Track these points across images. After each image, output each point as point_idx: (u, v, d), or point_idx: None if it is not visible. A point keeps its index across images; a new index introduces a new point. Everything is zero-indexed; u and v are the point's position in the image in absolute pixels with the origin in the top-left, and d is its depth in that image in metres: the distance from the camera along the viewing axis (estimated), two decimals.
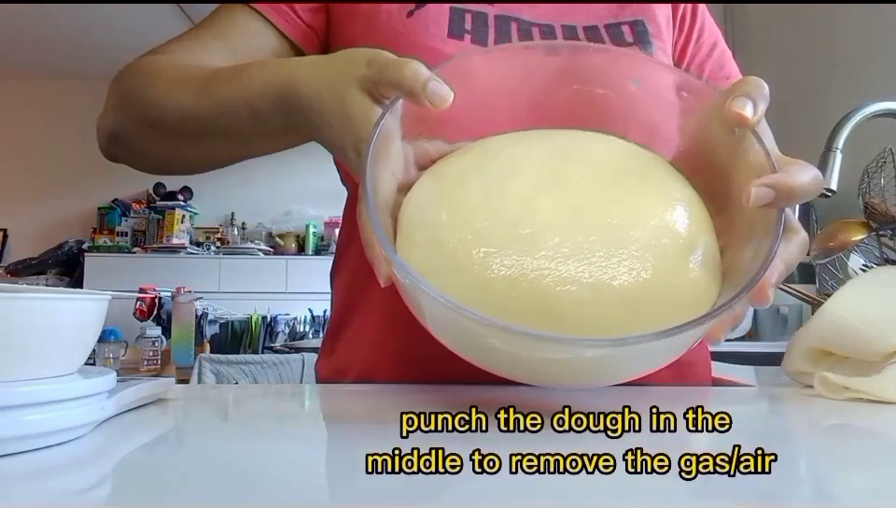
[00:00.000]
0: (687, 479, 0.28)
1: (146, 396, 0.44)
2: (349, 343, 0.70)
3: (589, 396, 0.54)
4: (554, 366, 0.38)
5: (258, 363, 2.68)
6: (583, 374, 0.39)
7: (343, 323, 0.72)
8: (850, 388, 0.50)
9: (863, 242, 0.98)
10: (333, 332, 0.74)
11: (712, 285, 0.38)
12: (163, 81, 0.60)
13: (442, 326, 0.39)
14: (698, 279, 0.38)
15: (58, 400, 0.32)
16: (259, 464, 0.32)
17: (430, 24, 0.67)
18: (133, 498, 0.27)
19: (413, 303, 0.40)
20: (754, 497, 0.26)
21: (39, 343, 0.33)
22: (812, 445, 0.39)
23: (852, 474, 0.30)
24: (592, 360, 0.37)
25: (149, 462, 0.33)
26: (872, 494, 0.27)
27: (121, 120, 0.64)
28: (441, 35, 0.66)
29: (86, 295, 0.36)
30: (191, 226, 4.65)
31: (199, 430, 0.43)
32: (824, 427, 0.44)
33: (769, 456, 0.28)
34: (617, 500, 0.26)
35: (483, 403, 0.46)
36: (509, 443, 0.37)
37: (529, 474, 0.29)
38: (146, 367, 2.92)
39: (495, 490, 0.28)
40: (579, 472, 0.29)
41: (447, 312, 0.34)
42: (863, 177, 1.05)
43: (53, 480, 0.29)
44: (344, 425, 0.43)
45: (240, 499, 0.26)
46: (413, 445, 0.29)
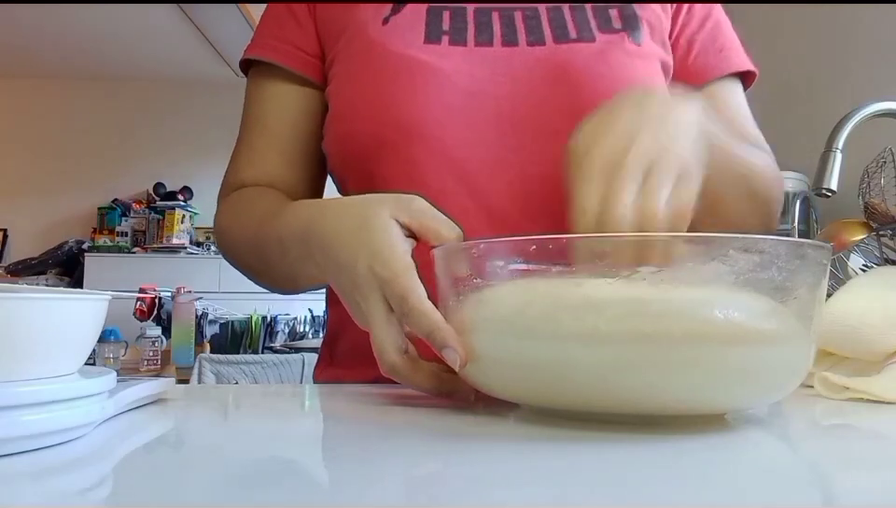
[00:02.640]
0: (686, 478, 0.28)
1: (146, 396, 0.44)
2: (346, 354, 0.71)
3: None
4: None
5: (258, 363, 2.68)
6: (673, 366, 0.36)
7: (339, 335, 0.72)
8: (850, 387, 0.50)
9: (863, 242, 0.98)
10: (330, 343, 0.74)
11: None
12: (236, 228, 0.69)
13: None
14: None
15: (58, 400, 0.32)
16: (259, 464, 0.32)
17: (406, 31, 0.66)
18: (133, 498, 0.27)
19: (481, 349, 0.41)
20: (754, 497, 0.26)
21: (39, 343, 0.33)
22: (812, 445, 0.39)
23: (852, 474, 0.30)
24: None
25: (149, 462, 0.33)
26: (872, 494, 0.27)
27: (223, 248, 0.74)
28: (416, 43, 0.66)
29: (86, 295, 0.36)
30: (191, 226, 4.65)
31: (199, 430, 0.43)
32: (824, 427, 0.44)
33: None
34: (617, 499, 0.26)
35: (483, 404, 0.46)
36: (509, 442, 0.37)
37: (531, 475, 0.29)
38: (146, 367, 2.92)
39: (496, 490, 0.28)
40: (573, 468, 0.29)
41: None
42: (863, 177, 1.04)
43: (53, 480, 0.29)
44: (344, 425, 0.43)
45: (240, 498, 0.26)
46: (412, 447, 0.29)
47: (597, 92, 0.61)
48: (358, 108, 0.66)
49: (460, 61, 0.65)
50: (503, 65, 0.66)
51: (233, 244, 0.70)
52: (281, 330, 3.85)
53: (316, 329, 3.98)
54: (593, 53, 0.66)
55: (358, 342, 0.68)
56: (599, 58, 0.65)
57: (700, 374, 0.35)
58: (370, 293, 0.45)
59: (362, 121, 0.65)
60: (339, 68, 0.69)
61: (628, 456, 0.33)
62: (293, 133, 0.73)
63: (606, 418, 0.38)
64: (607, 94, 0.60)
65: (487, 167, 0.64)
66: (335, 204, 0.53)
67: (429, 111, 0.63)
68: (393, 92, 0.64)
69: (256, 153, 0.73)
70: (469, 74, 0.65)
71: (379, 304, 0.45)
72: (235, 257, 0.71)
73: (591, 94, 0.62)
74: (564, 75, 0.64)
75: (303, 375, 2.64)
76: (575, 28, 0.67)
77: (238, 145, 0.76)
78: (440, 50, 0.65)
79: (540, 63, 0.65)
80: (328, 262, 0.50)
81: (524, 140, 0.64)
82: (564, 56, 0.65)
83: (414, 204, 0.48)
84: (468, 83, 0.64)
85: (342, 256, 0.48)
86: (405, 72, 0.64)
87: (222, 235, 0.73)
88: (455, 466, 0.31)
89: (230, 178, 0.75)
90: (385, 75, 0.65)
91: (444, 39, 0.66)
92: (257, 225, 0.63)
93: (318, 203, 0.58)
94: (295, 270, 0.58)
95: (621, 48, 0.67)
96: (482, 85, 0.65)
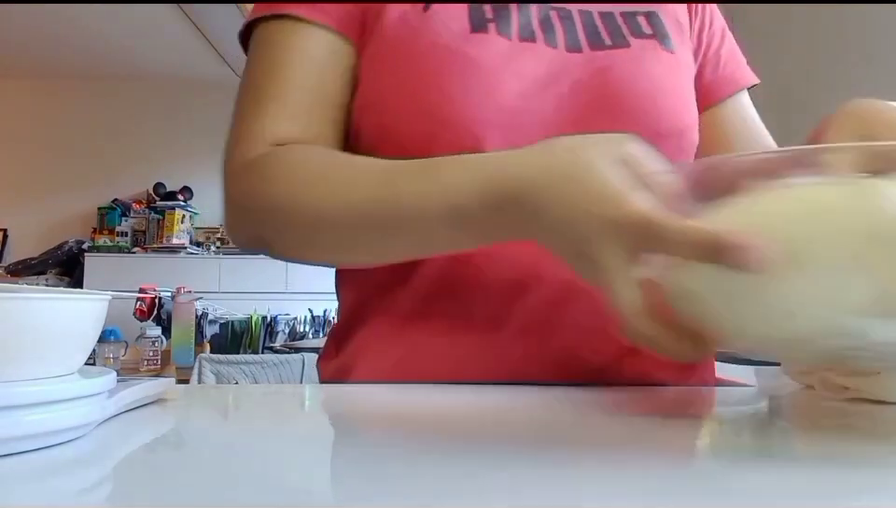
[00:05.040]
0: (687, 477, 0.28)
1: (146, 396, 0.44)
2: (356, 343, 0.68)
3: (594, 397, 0.54)
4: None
5: (258, 363, 2.68)
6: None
7: (350, 322, 0.69)
8: (850, 387, 0.50)
9: None
10: (339, 332, 0.71)
11: None
12: (325, 182, 0.55)
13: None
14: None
15: (58, 400, 0.32)
16: (259, 464, 0.32)
17: (449, 20, 0.63)
18: (132, 498, 0.27)
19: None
20: (754, 496, 0.26)
21: (39, 343, 0.33)
22: (812, 445, 0.39)
23: (852, 474, 0.30)
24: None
25: (149, 462, 0.33)
26: (872, 494, 0.27)
27: (273, 230, 0.59)
28: (462, 33, 0.62)
29: (86, 295, 0.36)
30: (191, 226, 4.65)
31: (199, 430, 0.43)
32: (824, 427, 0.44)
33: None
34: (617, 498, 0.26)
35: (484, 404, 0.46)
36: (510, 443, 0.37)
37: (534, 473, 0.29)
38: (146, 367, 2.92)
39: (497, 489, 0.28)
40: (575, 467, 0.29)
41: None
42: None
43: (53, 480, 0.28)
44: (345, 425, 0.43)
45: (240, 499, 0.26)
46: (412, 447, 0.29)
47: (638, 111, 0.62)
48: (399, 102, 0.62)
49: (508, 56, 0.63)
50: (545, 66, 0.64)
51: (305, 214, 0.56)
52: (281, 330, 3.85)
53: (316, 329, 3.99)
54: (631, 60, 0.65)
55: (370, 331, 0.67)
56: (638, 70, 0.65)
57: None
58: (600, 242, 0.39)
59: (406, 117, 0.61)
60: (374, 49, 0.64)
61: (627, 455, 0.33)
62: (335, 90, 0.65)
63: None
64: (647, 112, 0.62)
65: None
66: (530, 156, 0.46)
67: (483, 112, 0.61)
68: (442, 87, 0.61)
69: (296, 108, 0.63)
70: (518, 74, 0.62)
71: (615, 252, 0.39)
72: (305, 229, 0.57)
73: (631, 111, 0.62)
74: (603, 87, 0.63)
75: (303, 375, 2.64)
76: (608, 34, 0.66)
77: (258, 96, 0.64)
78: (489, 39, 0.63)
79: (580, 67, 0.64)
80: (538, 220, 0.43)
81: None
82: (602, 64, 0.64)
83: (626, 145, 0.43)
84: (519, 86, 0.62)
85: (557, 209, 0.42)
86: (454, 67, 0.61)
87: (276, 205, 0.57)
88: (456, 466, 0.31)
89: (254, 135, 0.62)
90: (430, 68, 0.61)
91: (491, 28, 0.63)
92: (371, 192, 0.52)
93: (496, 157, 0.48)
94: (451, 239, 0.50)
95: (655, 55, 0.66)
96: (531, 88, 0.63)
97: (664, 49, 0.67)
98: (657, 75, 0.65)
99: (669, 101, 0.65)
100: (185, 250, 4.51)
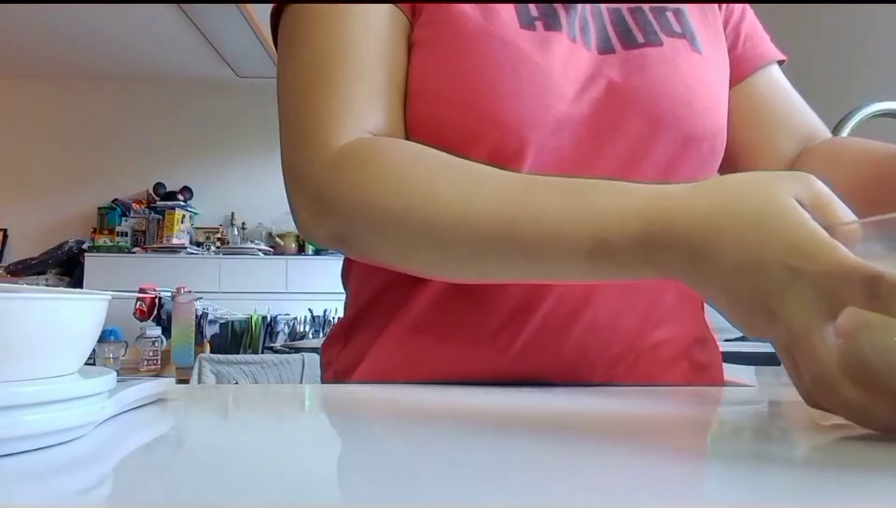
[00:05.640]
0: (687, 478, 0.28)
1: (146, 396, 0.44)
2: (366, 335, 0.67)
3: (597, 398, 0.54)
4: None
5: (258, 363, 2.68)
6: None
7: (361, 313, 0.69)
8: None
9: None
10: (349, 324, 0.70)
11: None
12: (437, 193, 0.49)
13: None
14: None
15: (58, 400, 0.32)
16: (259, 464, 0.32)
17: (499, 10, 0.61)
18: (133, 498, 0.27)
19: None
20: (754, 497, 0.26)
21: (39, 343, 0.33)
22: (812, 445, 0.39)
23: (852, 474, 0.30)
24: None
25: (149, 462, 0.33)
26: (872, 494, 0.27)
27: (366, 231, 0.53)
28: (514, 26, 0.61)
29: (86, 295, 0.36)
30: (191, 226, 4.66)
31: (199, 430, 0.43)
32: (824, 427, 0.44)
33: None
34: (617, 498, 0.26)
35: (486, 404, 0.46)
36: (512, 443, 0.37)
37: (537, 473, 0.29)
38: (146, 367, 2.93)
39: (499, 489, 0.28)
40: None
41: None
42: None
43: (53, 480, 0.28)
44: (345, 425, 0.43)
45: (240, 498, 0.26)
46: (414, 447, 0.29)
47: (673, 114, 0.62)
48: (447, 92, 0.59)
49: (565, 58, 0.61)
50: (583, 68, 0.62)
51: (410, 225, 0.50)
52: (281, 330, 3.85)
53: (316, 329, 3.99)
54: (665, 61, 0.64)
55: (381, 328, 0.66)
56: (673, 71, 0.64)
57: None
58: (791, 296, 0.35)
59: (456, 109, 0.59)
60: (426, 34, 0.61)
61: (625, 459, 0.33)
62: (399, 67, 0.61)
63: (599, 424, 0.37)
64: (683, 116, 0.61)
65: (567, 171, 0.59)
66: (699, 194, 0.41)
67: (533, 114, 0.59)
68: (494, 83, 0.59)
69: (377, 88, 0.58)
70: (565, 74, 0.61)
71: (815, 306, 0.34)
72: (409, 241, 0.51)
73: (667, 114, 0.62)
74: (638, 90, 0.62)
75: (303, 375, 2.64)
76: (640, 30, 0.65)
77: (330, 76, 0.57)
78: (535, 37, 0.61)
79: (614, 69, 0.63)
80: (708, 264, 0.39)
81: (596, 163, 0.61)
82: (636, 64, 0.63)
83: (813, 181, 0.39)
84: (566, 87, 0.61)
85: (738, 255, 0.37)
86: (506, 62, 0.59)
87: (374, 205, 0.51)
88: (457, 466, 0.31)
89: (338, 118, 0.56)
90: (482, 60, 0.59)
91: (538, 25, 0.62)
92: (495, 210, 0.47)
93: (654, 190, 0.43)
94: (581, 269, 0.44)
95: (687, 57, 0.65)
96: (575, 90, 0.61)
97: (693, 50, 0.66)
98: (690, 76, 0.64)
99: (703, 103, 0.64)
100: (185, 250, 4.51)
